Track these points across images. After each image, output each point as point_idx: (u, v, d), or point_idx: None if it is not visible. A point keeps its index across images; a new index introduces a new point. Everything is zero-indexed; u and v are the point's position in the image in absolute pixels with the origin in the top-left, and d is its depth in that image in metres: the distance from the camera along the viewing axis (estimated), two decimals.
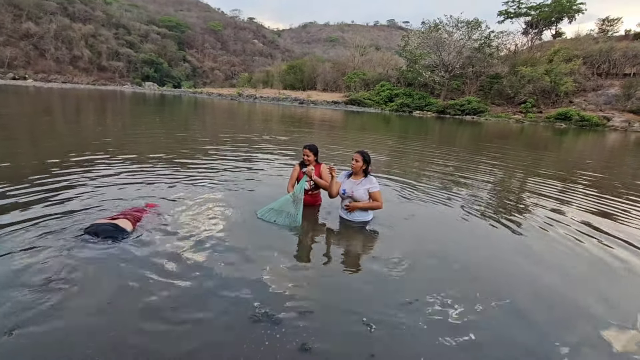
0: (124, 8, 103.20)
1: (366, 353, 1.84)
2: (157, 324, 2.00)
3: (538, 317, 2.38)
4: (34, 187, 4.15)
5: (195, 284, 2.42)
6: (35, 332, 1.86)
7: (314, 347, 1.85)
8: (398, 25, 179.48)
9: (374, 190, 3.60)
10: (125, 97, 34.58)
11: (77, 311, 2.06)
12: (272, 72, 69.41)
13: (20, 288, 2.20)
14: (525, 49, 49.01)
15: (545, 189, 6.38)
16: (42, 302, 2.09)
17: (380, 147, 11.26)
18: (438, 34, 44.70)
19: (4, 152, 6.35)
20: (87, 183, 4.54)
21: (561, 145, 16.67)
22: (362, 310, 2.22)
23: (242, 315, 2.10)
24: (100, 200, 3.91)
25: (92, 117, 14.30)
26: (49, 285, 2.26)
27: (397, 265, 2.93)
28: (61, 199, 3.83)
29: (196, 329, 1.97)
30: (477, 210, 4.72)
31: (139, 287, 2.33)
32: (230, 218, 3.66)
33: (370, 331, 2.01)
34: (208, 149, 8.04)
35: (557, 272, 3.10)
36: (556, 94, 38.56)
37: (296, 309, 2.19)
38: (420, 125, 23.95)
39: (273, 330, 1.97)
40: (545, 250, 3.56)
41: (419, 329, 2.12)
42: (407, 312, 2.27)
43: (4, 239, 2.79)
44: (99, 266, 2.55)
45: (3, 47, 67.32)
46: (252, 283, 2.48)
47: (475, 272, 2.97)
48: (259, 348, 1.84)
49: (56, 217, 3.31)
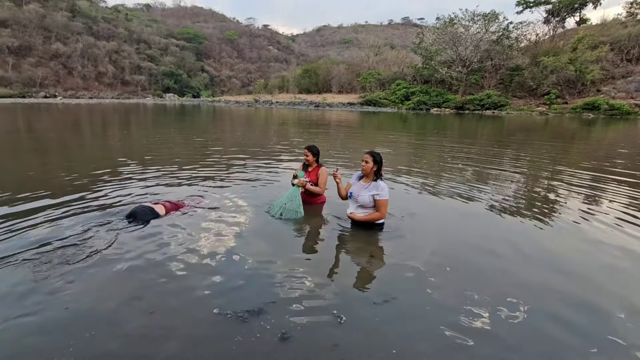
0: (144, 23, 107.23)
1: (331, 343, 1.92)
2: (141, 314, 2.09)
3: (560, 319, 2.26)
4: (72, 189, 4.38)
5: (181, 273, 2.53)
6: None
7: (292, 336, 1.94)
8: (413, 23, 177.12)
9: (379, 198, 3.24)
10: (147, 109, 35.82)
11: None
12: (287, 77, 70.11)
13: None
14: (547, 38, 47.17)
15: (574, 180, 6.10)
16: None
17: (397, 145, 11.12)
18: (454, 28, 43.78)
19: (39, 162, 6.79)
20: (118, 185, 4.76)
21: (589, 136, 15.89)
22: (339, 303, 2.29)
23: (229, 306, 2.22)
24: (126, 198, 4.08)
25: (121, 129, 14.91)
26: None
27: (407, 262, 2.87)
28: (97, 197, 4.02)
29: (179, 315, 2.08)
30: (499, 205, 4.56)
31: (144, 269, 2.63)
32: (244, 215, 3.88)
33: (340, 322, 2.08)
34: (227, 153, 8.20)
35: (583, 271, 2.94)
36: (582, 83, 36.89)
37: (281, 301, 2.30)
38: (438, 123, 23.49)
39: (255, 321, 2.07)
40: (571, 248, 3.40)
41: (388, 325, 2.10)
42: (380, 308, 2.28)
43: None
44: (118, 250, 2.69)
45: (35, 68, 71.39)
46: (247, 277, 2.61)
47: (503, 269, 2.87)
48: (247, 340, 1.90)
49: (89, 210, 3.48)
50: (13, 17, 73.47)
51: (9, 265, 2.68)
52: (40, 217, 3.65)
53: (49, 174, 5.96)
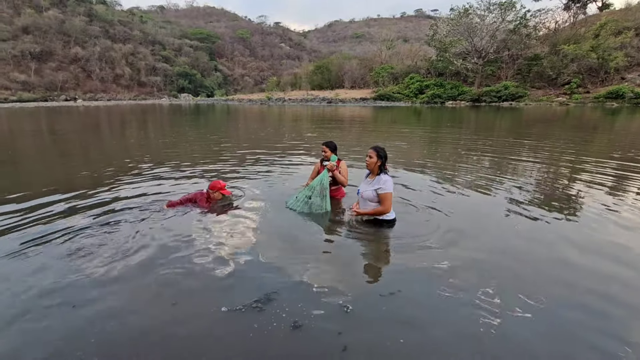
0: (159, 25, 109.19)
1: (336, 331, 1.97)
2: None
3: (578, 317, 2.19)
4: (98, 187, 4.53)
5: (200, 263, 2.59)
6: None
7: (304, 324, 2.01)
8: (426, 15, 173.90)
9: (382, 191, 3.19)
10: (163, 109, 36.52)
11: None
12: (300, 73, 70.11)
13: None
14: (567, 25, 45.48)
15: (597, 172, 5.89)
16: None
17: (411, 139, 10.97)
18: (468, 19, 42.72)
19: (66, 160, 7.03)
20: (138, 180, 4.90)
21: (614, 126, 15.26)
22: (346, 294, 2.33)
23: (246, 295, 2.32)
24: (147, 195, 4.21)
25: (142, 129, 15.28)
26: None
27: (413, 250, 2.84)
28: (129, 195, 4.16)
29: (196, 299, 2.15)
30: (517, 199, 4.45)
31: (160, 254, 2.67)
32: (260, 209, 4.01)
33: (347, 311, 2.13)
34: (241, 150, 8.29)
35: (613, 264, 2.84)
36: (605, 71, 35.45)
37: (293, 291, 2.38)
38: (453, 116, 23.04)
39: (271, 310, 2.16)
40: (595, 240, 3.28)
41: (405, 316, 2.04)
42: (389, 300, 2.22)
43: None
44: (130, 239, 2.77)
45: (56, 72, 73.84)
46: (262, 267, 2.71)
47: (520, 263, 2.80)
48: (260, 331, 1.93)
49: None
50: (34, 23, 76.08)
51: (27, 258, 2.86)
52: (66, 210, 3.82)
53: (75, 170, 6.17)
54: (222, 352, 1.86)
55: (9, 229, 3.46)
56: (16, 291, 2.41)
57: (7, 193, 4.67)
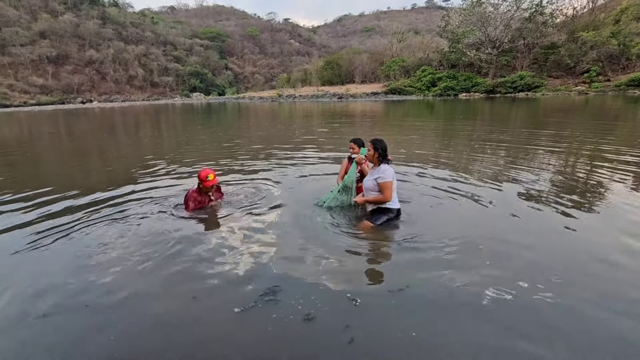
0: (170, 25, 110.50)
1: (344, 324, 2.01)
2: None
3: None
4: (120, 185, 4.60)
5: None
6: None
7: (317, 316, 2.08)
8: (438, 5, 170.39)
9: (382, 180, 3.22)
10: (176, 109, 37.00)
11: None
12: (310, 69, 69.89)
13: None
14: (586, 11, 43.77)
15: (617, 164, 5.64)
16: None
17: (423, 132, 10.78)
18: (482, 8, 41.63)
19: (82, 161, 7.16)
20: (157, 177, 4.95)
21: (636, 117, 14.64)
22: (353, 289, 2.37)
23: (262, 288, 2.41)
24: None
25: (157, 128, 15.52)
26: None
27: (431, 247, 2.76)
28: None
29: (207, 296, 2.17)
30: (529, 193, 4.30)
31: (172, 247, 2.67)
32: (274, 205, 3.98)
33: (355, 305, 2.18)
34: (254, 146, 8.30)
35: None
36: (627, 58, 34.07)
37: (306, 285, 2.45)
38: (467, 108, 22.57)
39: (286, 301, 2.24)
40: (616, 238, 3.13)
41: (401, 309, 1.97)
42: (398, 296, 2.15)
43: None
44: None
45: (72, 75, 75.70)
46: (275, 262, 2.74)
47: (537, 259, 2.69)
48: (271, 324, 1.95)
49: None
50: (50, 28, 78.05)
51: (40, 254, 2.95)
52: (82, 207, 3.90)
53: (93, 169, 6.29)
54: (242, 341, 1.92)
55: (21, 225, 3.61)
56: (36, 287, 2.49)
57: (20, 191, 4.79)
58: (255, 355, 1.84)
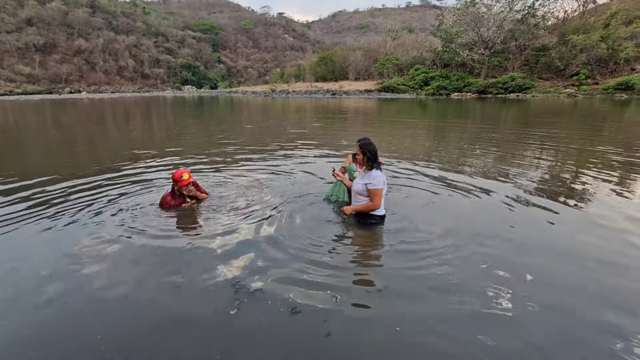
0: (162, 16, 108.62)
1: (322, 319, 2.09)
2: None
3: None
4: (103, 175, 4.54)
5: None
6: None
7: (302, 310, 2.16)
8: (432, 4, 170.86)
9: (372, 187, 3.14)
10: (167, 101, 36.50)
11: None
12: (304, 65, 69.54)
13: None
14: (577, 15, 44.42)
15: (603, 166, 5.79)
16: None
17: (414, 131, 10.87)
18: (475, 8, 41.92)
19: (69, 152, 7.03)
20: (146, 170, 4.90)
21: (622, 118, 14.98)
22: (335, 285, 2.43)
23: (246, 284, 2.44)
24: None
25: (149, 121, 15.31)
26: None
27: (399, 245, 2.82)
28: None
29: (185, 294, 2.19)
30: (514, 194, 4.40)
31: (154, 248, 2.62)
32: (261, 202, 3.91)
33: (336, 301, 2.23)
34: (244, 143, 8.27)
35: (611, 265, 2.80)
36: (615, 62, 34.76)
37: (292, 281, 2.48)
38: (459, 108, 22.78)
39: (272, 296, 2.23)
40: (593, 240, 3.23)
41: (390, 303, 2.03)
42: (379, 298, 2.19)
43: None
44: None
45: (60, 64, 73.95)
46: (262, 257, 2.72)
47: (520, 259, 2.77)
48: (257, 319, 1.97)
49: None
50: (37, 15, 76.00)
51: (17, 247, 2.87)
52: (64, 199, 3.84)
53: (78, 161, 6.20)
54: (228, 333, 1.95)
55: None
56: (10, 284, 2.44)
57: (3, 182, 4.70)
58: (239, 346, 1.88)
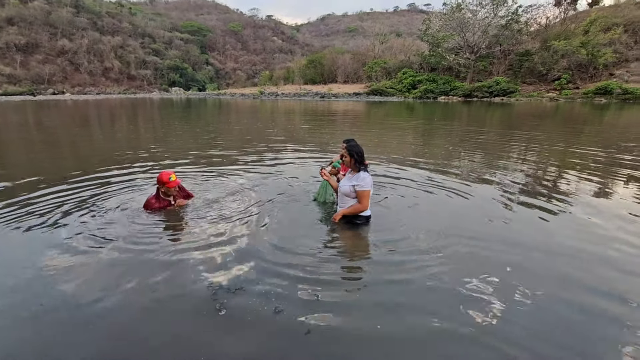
0: (148, 17, 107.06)
1: (303, 317, 2.12)
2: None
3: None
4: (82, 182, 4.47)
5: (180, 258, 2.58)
6: None
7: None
8: (419, 9, 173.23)
9: (360, 189, 3.17)
10: (154, 103, 35.99)
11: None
12: (293, 68, 69.58)
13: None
14: (558, 21, 45.80)
15: (583, 168, 6.01)
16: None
17: (402, 133, 11.03)
18: (461, 14, 42.83)
19: (49, 155, 6.89)
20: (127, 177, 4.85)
21: (602, 121, 15.52)
22: (317, 284, 2.46)
23: (229, 284, 2.46)
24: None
25: (135, 123, 15.07)
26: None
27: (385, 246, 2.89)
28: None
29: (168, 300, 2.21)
30: (499, 193, 4.53)
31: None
32: (246, 202, 3.93)
33: (317, 299, 2.28)
34: (232, 145, 8.25)
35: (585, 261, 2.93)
36: (594, 67, 35.94)
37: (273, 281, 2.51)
38: (446, 111, 23.18)
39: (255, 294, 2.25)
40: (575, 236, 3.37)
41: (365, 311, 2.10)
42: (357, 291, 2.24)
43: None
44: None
45: (42, 65, 72.12)
46: (243, 258, 2.78)
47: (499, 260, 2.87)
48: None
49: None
50: (19, 14, 74.02)
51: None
52: (55, 204, 3.77)
53: (60, 164, 6.08)
54: (215, 333, 1.95)
55: None
56: None
57: None
58: (223, 346, 1.90)
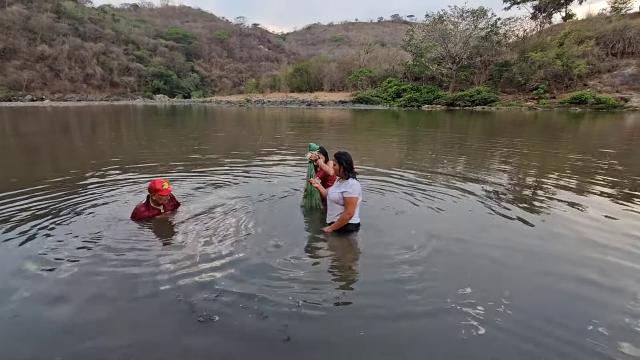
0: (132, 24, 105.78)
1: (283, 324, 2.11)
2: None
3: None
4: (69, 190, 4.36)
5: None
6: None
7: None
8: (403, 20, 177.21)
9: (347, 195, 3.22)
10: (137, 110, 35.43)
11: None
12: (279, 76, 69.85)
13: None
14: (535, 34, 47.73)
15: (561, 174, 6.24)
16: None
17: (387, 141, 11.22)
18: (443, 25, 44.08)
19: (26, 166, 6.69)
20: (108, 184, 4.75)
21: (578, 130, 16.18)
22: (299, 291, 2.47)
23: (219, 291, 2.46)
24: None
25: (115, 131, 14.78)
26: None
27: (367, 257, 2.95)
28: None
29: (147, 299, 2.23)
30: (484, 199, 4.67)
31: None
32: (232, 210, 3.92)
33: (298, 305, 2.28)
34: (217, 153, 8.20)
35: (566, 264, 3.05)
36: (569, 78, 37.45)
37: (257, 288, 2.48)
38: (430, 119, 23.69)
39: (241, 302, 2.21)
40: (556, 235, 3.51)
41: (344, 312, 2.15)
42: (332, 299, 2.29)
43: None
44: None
45: (20, 71, 70.01)
46: (228, 264, 2.79)
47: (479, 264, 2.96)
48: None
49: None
50: None
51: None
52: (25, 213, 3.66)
53: (36, 173, 5.92)
54: (196, 340, 1.92)
55: None
56: None
57: None
58: (201, 351, 1.90)
